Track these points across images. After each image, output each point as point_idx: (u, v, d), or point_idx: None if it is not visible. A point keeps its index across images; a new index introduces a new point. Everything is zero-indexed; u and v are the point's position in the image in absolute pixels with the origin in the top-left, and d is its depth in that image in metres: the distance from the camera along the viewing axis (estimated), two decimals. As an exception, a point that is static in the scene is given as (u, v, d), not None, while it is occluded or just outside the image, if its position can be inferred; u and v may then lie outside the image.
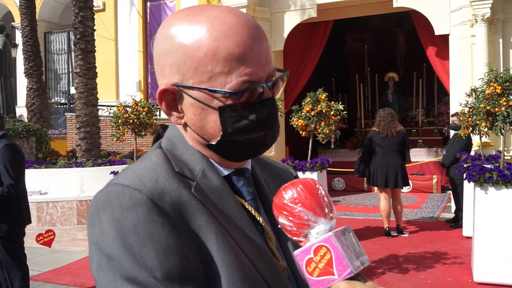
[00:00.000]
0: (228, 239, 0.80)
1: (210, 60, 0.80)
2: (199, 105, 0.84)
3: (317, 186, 0.80)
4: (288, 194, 0.79)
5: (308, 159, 6.91)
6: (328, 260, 0.75)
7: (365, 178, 7.75)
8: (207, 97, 0.82)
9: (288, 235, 0.80)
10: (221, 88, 0.81)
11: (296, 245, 0.82)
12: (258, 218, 0.89)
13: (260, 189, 0.95)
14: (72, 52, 13.57)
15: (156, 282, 0.72)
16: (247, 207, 0.89)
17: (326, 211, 0.79)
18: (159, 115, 12.47)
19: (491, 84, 5.13)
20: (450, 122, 8.23)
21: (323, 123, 6.74)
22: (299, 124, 6.81)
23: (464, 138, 6.91)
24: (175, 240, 0.75)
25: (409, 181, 7.69)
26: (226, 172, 0.90)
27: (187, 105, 0.85)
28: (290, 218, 0.78)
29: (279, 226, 0.81)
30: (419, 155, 12.21)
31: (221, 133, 0.84)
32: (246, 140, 0.85)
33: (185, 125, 0.88)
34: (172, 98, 0.86)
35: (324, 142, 7.25)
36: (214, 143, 0.86)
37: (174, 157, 0.86)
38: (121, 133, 7.13)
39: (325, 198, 0.79)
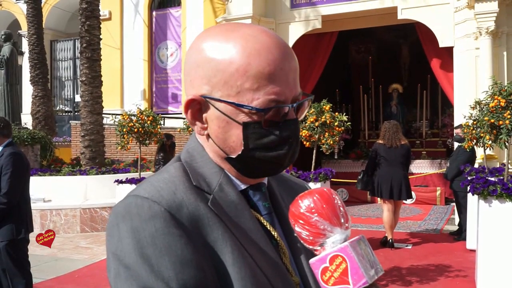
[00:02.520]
0: (243, 252, 0.82)
1: (241, 75, 0.82)
2: (224, 118, 0.85)
3: (334, 195, 0.81)
4: (304, 203, 0.80)
5: (312, 170, 6.92)
6: (343, 270, 0.76)
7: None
8: (233, 111, 0.84)
9: (304, 244, 0.82)
10: (248, 104, 0.83)
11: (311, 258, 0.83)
12: (273, 233, 0.90)
13: (275, 204, 0.97)
14: (78, 60, 13.66)
15: None
16: (262, 221, 0.90)
17: (342, 221, 0.80)
18: (164, 124, 12.55)
19: (495, 97, 5.15)
20: (454, 134, 8.23)
21: (327, 133, 6.75)
22: (303, 134, 6.82)
23: (468, 150, 6.90)
24: (191, 252, 0.76)
25: (413, 193, 7.68)
26: (243, 186, 0.91)
27: (212, 116, 0.87)
28: (306, 227, 0.80)
29: (295, 234, 0.82)
30: (422, 167, 12.19)
31: (243, 148, 0.86)
32: (265, 158, 0.86)
33: (207, 136, 0.90)
34: (198, 108, 0.88)
35: (328, 153, 7.26)
36: (234, 156, 0.88)
37: (192, 170, 0.88)
38: (126, 142, 7.15)
39: (341, 208, 0.81)
